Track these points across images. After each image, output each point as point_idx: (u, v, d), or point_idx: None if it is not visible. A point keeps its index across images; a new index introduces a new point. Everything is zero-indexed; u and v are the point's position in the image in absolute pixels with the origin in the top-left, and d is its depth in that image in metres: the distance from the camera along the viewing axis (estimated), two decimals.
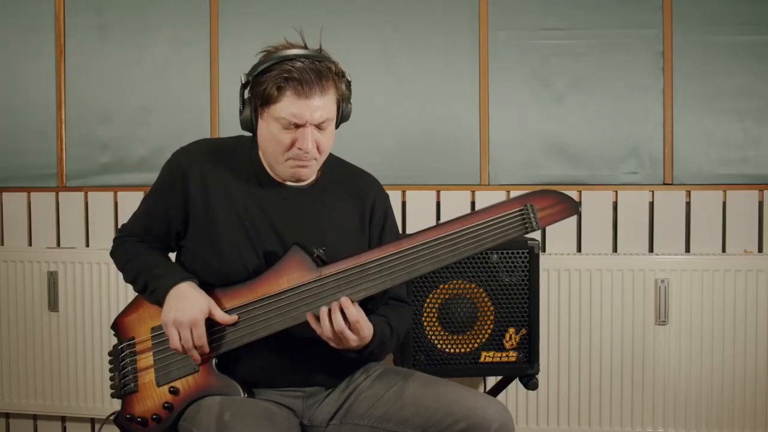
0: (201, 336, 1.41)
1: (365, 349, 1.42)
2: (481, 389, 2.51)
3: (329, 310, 1.35)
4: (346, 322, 1.35)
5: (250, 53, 2.65)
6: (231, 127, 2.61)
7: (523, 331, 1.99)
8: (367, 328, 1.38)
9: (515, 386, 2.38)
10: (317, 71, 1.39)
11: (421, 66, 2.57)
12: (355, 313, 1.35)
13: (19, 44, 2.69)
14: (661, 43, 2.50)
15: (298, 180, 1.50)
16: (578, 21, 2.52)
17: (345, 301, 1.35)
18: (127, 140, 2.66)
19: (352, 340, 1.36)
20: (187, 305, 1.40)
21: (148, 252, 1.55)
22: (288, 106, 1.39)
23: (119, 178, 2.66)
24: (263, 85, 1.40)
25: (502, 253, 1.97)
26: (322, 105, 1.41)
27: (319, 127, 1.42)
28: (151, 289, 1.48)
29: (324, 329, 1.36)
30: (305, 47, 1.44)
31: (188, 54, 2.64)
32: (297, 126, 1.41)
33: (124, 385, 1.51)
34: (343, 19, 2.56)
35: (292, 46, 1.43)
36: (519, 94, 2.54)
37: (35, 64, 2.68)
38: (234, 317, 1.44)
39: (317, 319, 1.37)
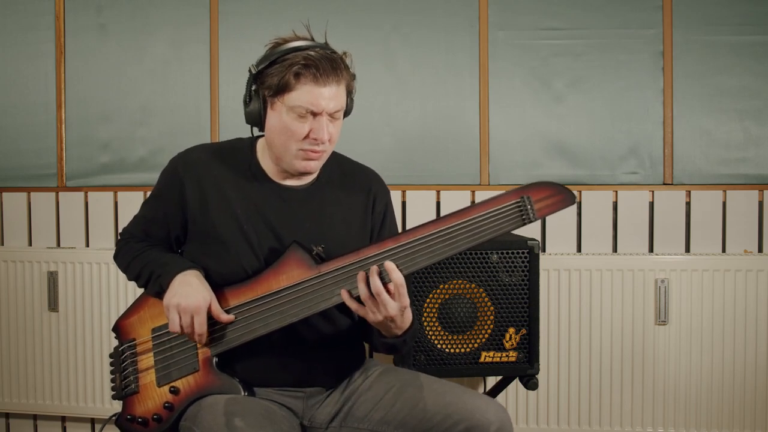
0: (202, 324, 1.41)
1: (404, 334, 1.42)
2: (481, 389, 2.51)
3: (366, 274, 1.33)
4: (386, 287, 1.33)
5: (250, 53, 2.64)
6: (231, 126, 2.61)
7: (523, 331, 1.99)
8: (407, 299, 1.36)
9: (515, 386, 2.38)
10: (332, 60, 1.41)
11: (421, 66, 2.57)
12: (401, 277, 1.33)
13: (19, 44, 2.69)
14: (661, 43, 2.50)
15: (306, 173, 1.50)
16: (578, 21, 2.52)
17: (389, 264, 1.33)
18: (127, 140, 2.66)
19: (391, 306, 1.33)
20: (191, 292, 1.41)
21: (155, 247, 1.56)
22: (305, 94, 1.39)
23: (119, 178, 2.66)
24: (278, 75, 1.40)
25: (502, 253, 1.97)
26: (337, 94, 1.42)
27: (332, 116, 1.43)
28: (156, 276, 1.48)
29: (360, 292, 1.34)
30: (313, 40, 1.45)
31: (188, 54, 2.64)
32: (313, 115, 1.41)
33: (125, 386, 1.51)
34: (343, 19, 2.56)
35: (300, 38, 1.44)
36: (519, 94, 2.54)
37: (35, 64, 2.68)
38: (231, 317, 1.44)
39: (350, 294, 1.36)
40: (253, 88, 1.45)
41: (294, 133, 1.42)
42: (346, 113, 1.50)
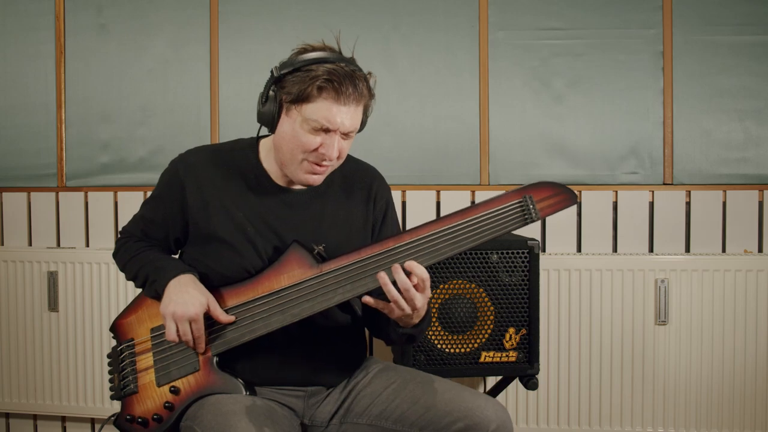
0: (199, 330, 1.41)
1: (421, 323, 1.42)
2: (481, 389, 2.51)
3: (392, 272, 1.34)
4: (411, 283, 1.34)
5: (250, 53, 2.67)
6: (231, 126, 2.61)
7: (523, 331, 1.99)
8: (430, 292, 1.38)
9: (515, 386, 2.38)
10: (356, 79, 1.39)
11: (421, 66, 2.57)
12: (425, 272, 1.34)
13: (19, 44, 2.69)
14: (661, 43, 2.50)
15: (308, 185, 1.49)
16: (578, 21, 2.52)
17: (411, 263, 1.34)
18: (127, 140, 2.66)
19: (419, 299, 1.35)
20: (187, 299, 1.40)
21: (150, 248, 1.56)
22: (323, 109, 1.37)
23: (119, 178, 2.66)
24: (300, 83, 1.37)
25: (502, 253, 1.97)
26: (354, 114, 1.40)
27: (345, 135, 1.42)
28: (151, 281, 1.48)
29: (389, 292, 1.33)
30: (340, 52, 1.42)
31: (188, 54, 2.64)
32: (327, 131, 1.39)
33: (123, 386, 1.51)
34: (343, 19, 2.56)
35: (328, 48, 1.41)
36: (519, 94, 2.54)
37: (35, 64, 2.68)
38: (231, 317, 1.44)
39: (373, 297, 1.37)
40: (272, 89, 1.43)
41: (304, 144, 1.40)
42: (361, 128, 1.48)
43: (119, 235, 1.64)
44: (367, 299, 1.36)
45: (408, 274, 1.33)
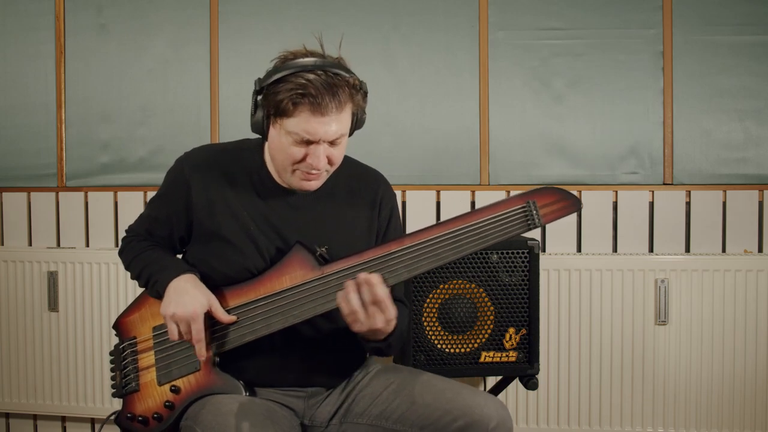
0: (199, 331, 1.40)
1: (388, 337, 1.41)
2: (481, 389, 2.51)
3: (356, 284, 1.32)
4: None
5: (250, 53, 2.67)
6: (231, 127, 2.61)
7: (523, 331, 1.99)
8: (392, 311, 1.35)
9: (515, 386, 2.38)
10: (334, 86, 1.35)
11: (420, 66, 2.57)
12: (385, 291, 1.32)
13: (19, 44, 2.69)
14: (661, 43, 2.50)
15: (305, 191, 1.49)
16: (578, 21, 2.52)
17: (375, 277, 1.32)
18: (127, 140, 2.66)
19: (380, 319, 1.33)
20: (187, 300, 1.40)
21: (153, 248, 1.56)
22: (302, 122, 1.35)
23: (119, 178, 2.66)
24: (278, 96, 1.35)
25: (502, 253, 1.97)
26: (337, 122, 1.37)
27: (332, 143, 1.41)
28: (153, 281, 1.48)
29: (352, 302, 1.32)
30: (323, 56, 1.39)
31: (188, 54, 2.64)
32: (310, 142, 1.38)
33: (125, 384, 1.51)
34: (343, 19, 2.56)
35: (309, 53, 1.38)
36: (519, 94, 2.54)
37: (35, 64, 2.68)
38: (233, 317, 1.44)
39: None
40: (259, 98, 1.42)
41: (290, 155, 1.40)
42: (357, 128, 1.47)
43: (125, 234, 1.64)
44: (340, 296, 1.34)
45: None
